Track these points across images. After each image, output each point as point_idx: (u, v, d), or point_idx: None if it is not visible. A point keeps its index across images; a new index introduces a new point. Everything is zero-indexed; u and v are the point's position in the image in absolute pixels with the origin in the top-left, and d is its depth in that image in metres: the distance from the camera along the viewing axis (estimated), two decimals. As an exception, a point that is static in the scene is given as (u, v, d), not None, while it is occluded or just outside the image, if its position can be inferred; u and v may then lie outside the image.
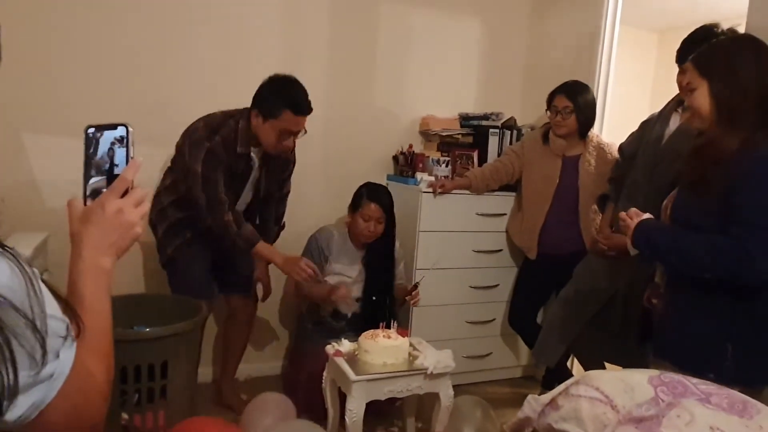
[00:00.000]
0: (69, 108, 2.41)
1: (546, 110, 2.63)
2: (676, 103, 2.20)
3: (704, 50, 1.51)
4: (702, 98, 1.45)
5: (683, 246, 1.42)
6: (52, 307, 0.61)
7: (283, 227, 2.68)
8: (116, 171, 0.78)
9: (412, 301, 2.52)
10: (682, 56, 2.04)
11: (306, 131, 2.27)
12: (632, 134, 2.40)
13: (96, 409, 0.69)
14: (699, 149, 1.48)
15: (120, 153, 0.79)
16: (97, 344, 0.72)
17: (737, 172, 1.35)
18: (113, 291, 0.78)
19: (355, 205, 2.56)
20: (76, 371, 0.64)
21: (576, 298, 2.44)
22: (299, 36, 2.81)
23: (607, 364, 2.37)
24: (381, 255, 2.61)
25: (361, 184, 2.61)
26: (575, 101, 2.54)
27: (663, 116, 2.22)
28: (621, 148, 2.45)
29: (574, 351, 2.63)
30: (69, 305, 0.67)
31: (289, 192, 2.64)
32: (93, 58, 2.43)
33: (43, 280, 0.62)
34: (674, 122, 2.18)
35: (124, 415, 1.93)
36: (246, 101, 2.69)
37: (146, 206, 0.81)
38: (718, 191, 1.37)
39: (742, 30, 2.00)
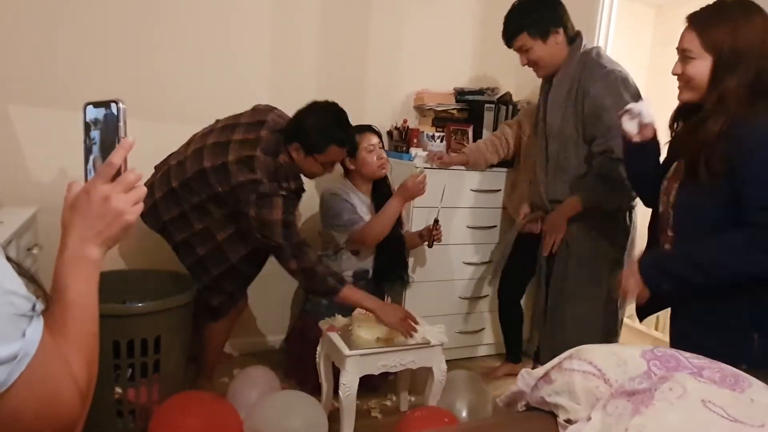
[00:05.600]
0: (56, 80, 2.35)
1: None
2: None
3: (710, 17, 1.41)
4: (702, 70, 1.39)
5: (704, 261, 1.35)
6: (13, 283, 0.56)
7: None
8: (93, 151, 0.73)
9: (436, 238, 2.52)
10: None
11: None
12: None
13: (69, 405, 0.62)
14: (693, 130, 1.42)
15: (101, 131, 0.73)
16: (79, 339, 0.66)
17: (734, 150, 1.32)
18: (106, 266, 0.74)
19: (351, 146, 2.45)
20: (46, 355, 0.58)
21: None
22: (292, 10, 2.75)
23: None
24: (386, 194, 2.53)
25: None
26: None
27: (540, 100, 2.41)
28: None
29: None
30: (35, 280, 0.61)
31: None
32: (83, 30, 2.37)
33: (8, 258, 0.57)
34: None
35: (118, 390, 1.94)
36: (239, 75, 2.66)
37: (138, 192, 0.74)
38: (716, 173, 1.34)
39: None
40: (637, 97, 2.05)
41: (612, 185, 2.09)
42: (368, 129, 2.52)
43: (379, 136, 2.54)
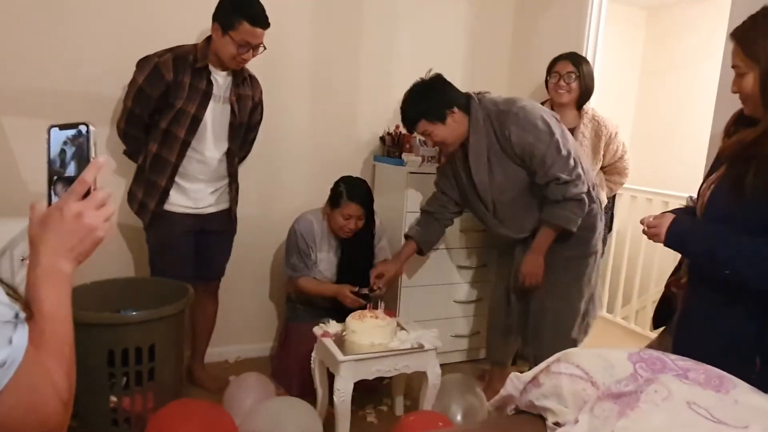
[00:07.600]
0: (51, 92, 2.36)
1: (546, 77, 2.63)
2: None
3: (748, 29, 1.34)
4: (753, 84, 1.31)
5: (719, 254, 1.31)
6: None
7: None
8: (68, 172, 0.75)
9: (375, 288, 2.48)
10: None
11: (265, 48, 2.24)
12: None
13: (53, 412, 0.64)
14: (752, 142, 1.31)
15: (71, 152, 0.75)
16: (57, 349, 0.68)
17: None
18: (100, 275, 0.76)
19: (334, 202, 2.48)
20: (30, 364, 0.60)
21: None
22: (283, 16, 2.76)
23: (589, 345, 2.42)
24: (358, 243, 2.56)
25: (339, 178, 2.55)
26: (579, 67, 2.56)
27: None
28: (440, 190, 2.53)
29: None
30: (15, 291, 0.63)
31: (255, 138, 2.61)
32: (79, 42, 2.38)
33: None
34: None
35: (113, 398, 1.94)
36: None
37: (110, 209, 0.76)
38: (756, 193, 1.26)
39: None
40: (542, 119, 2.15)
41: (573, 202, 2.16)
42: (357, 198, 2.45)
43: (366, 208, 2.49)
